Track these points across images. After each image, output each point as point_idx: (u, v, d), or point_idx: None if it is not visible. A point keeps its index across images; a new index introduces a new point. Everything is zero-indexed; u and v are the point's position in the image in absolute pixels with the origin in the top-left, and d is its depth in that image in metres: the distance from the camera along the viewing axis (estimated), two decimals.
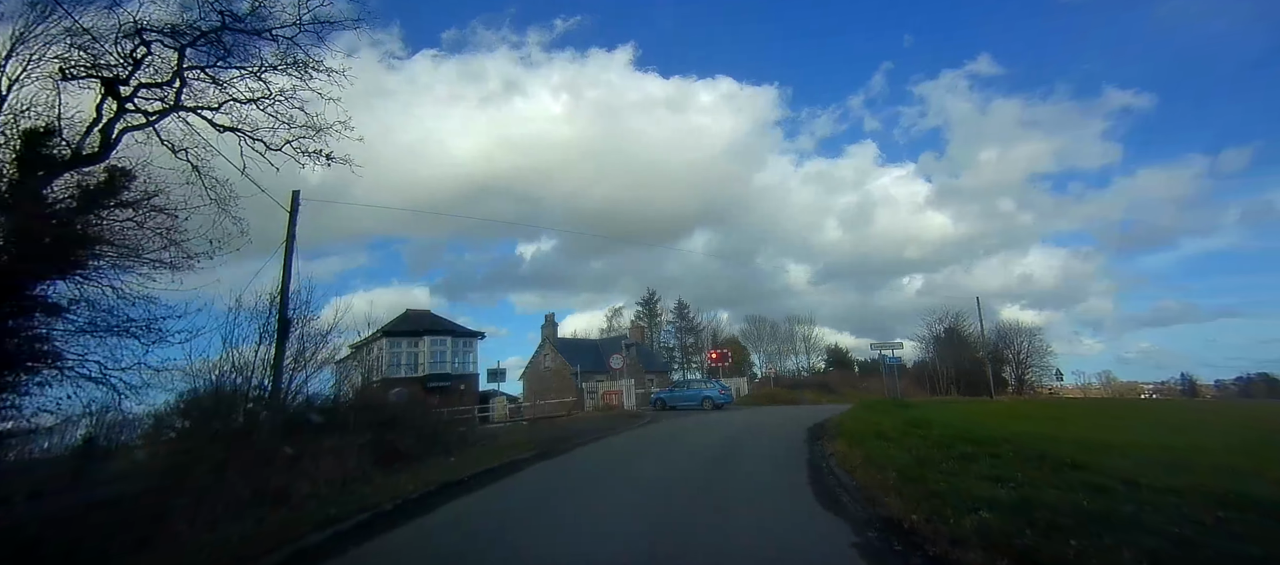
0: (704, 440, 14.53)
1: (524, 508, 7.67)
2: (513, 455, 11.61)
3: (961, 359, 64.40)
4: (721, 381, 28.02)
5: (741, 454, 11.78)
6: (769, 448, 12.70)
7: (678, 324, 70.00)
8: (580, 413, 25.97)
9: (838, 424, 15.65)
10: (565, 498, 8.20)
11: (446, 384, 33.23)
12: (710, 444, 13.60)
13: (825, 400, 36.75)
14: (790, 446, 12.80)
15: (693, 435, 16.06)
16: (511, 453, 11.98)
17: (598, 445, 14.38)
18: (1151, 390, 69.95)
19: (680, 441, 14.51)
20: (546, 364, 46.46)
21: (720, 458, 11.24)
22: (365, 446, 10.58)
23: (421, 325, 34.22)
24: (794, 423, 18.69)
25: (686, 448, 13.18)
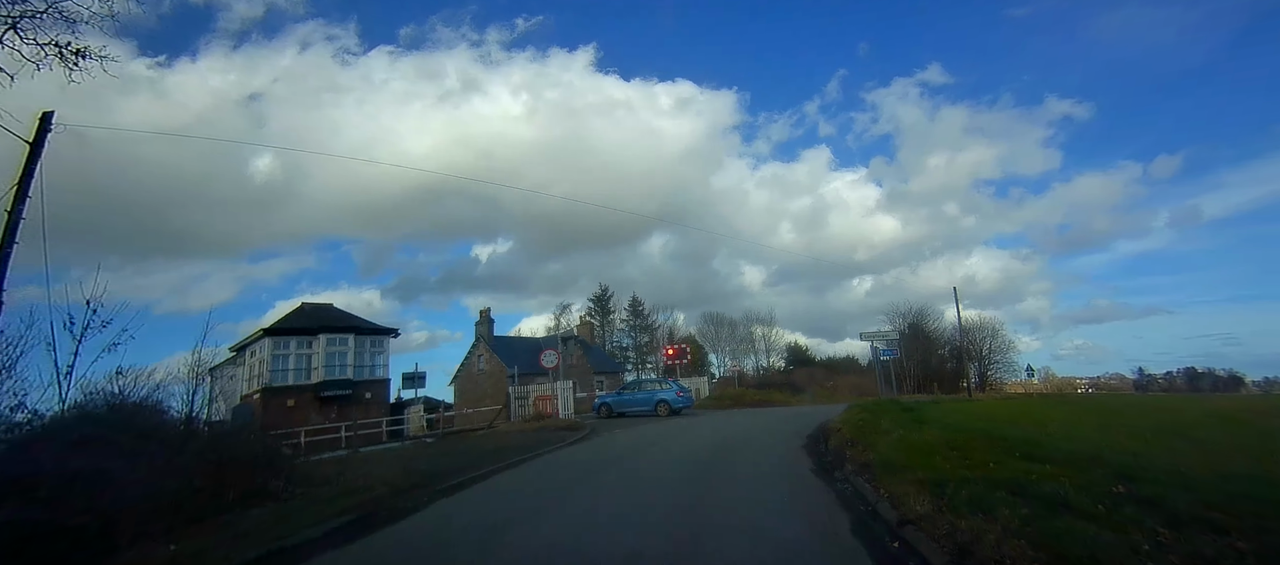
0: (656, 470, 9.55)
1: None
2: (306, 526, 6.35)
3: (928, 356, 61.94)
4: (679, 382, 23.24)
5: (723, 497, 6.86)
6: (766, 485, 7.76)
7: (632, 322, 65.07)
8: (505, 424, 20.67)
9: (846, 436, 10.92)
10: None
11: (346, 392, 27.37)
12: (664, 479, 8.62)
13: (796, 401, 32.38)
14: (796, 481, 7.92)
15: (638, 460, 11.08)
16: (312, 519, 6.72)
17: (485, 486, 9.28)
18: (1087, 385, 71.39)
19: (615, 475, 9.48)
20: (481, 366, 40.81)
21: (687, 508, 6.30)
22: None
23: (315, 321, 28.20)
24: (780, 434, 14.00)
25: (625, 488, 8.16)
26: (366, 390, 28.26)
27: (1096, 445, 10.14)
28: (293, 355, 26.84)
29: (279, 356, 26.57)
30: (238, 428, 14.16)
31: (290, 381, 26.55)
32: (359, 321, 29.62)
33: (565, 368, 43.59)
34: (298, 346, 27.01)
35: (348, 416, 27.04)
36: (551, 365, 19.95)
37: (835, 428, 12.76)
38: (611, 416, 22.34)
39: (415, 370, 30.86)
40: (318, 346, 27.20)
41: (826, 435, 12.13)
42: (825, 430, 13.24)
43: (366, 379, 28.49)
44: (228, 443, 10.89)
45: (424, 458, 13.37)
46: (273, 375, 26.21)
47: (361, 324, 29.41)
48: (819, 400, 34.98)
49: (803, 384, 37.81)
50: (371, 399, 28.37)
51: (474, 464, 11.45)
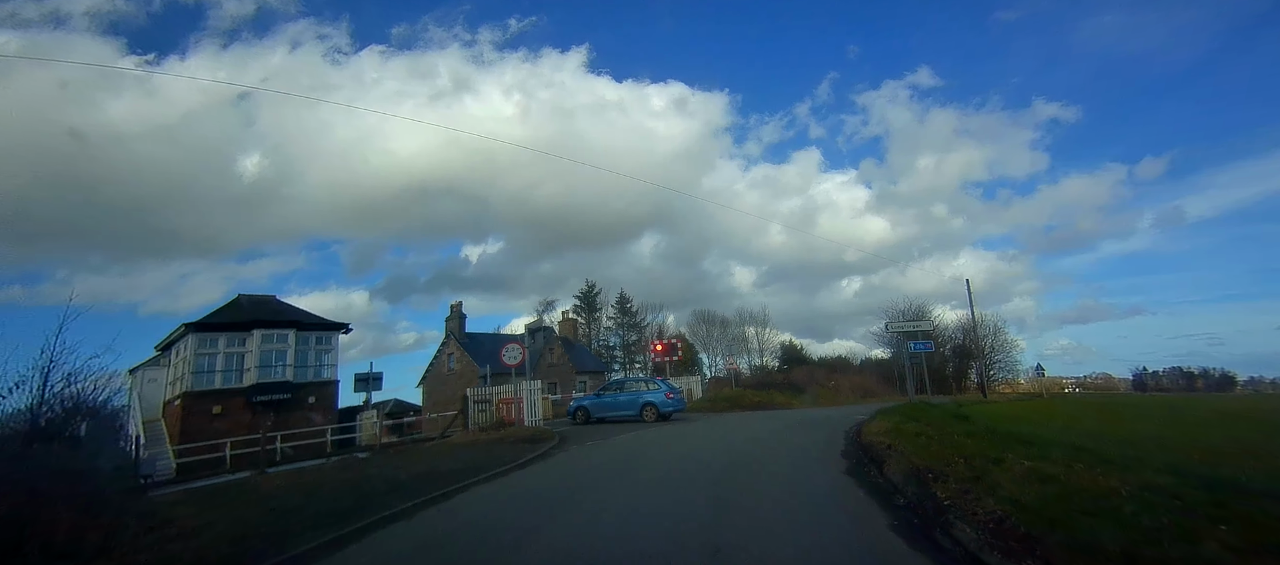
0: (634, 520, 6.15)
1: None
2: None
3: (930, 355, 59.02)
4: (669, 381, 19.84)
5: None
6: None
7: (620, 320, 61.66)
8: (460, 434, 17.15)
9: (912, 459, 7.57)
10: None
11: (285, 396, 23.70)
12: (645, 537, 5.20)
13: (798, 402, 29.06)
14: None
15: (611, 493, 7.67)
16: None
17: (360, 549, 5.82)
18: (1073, 385, 70.85)
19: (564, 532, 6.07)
20: (451, 366, 37.22)
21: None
22: None
23: (249, 315, 24.49)
24: (803, 447, 10.70)
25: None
26: (310, 394, 24.61)
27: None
28: (221, 354, 23.13)
29: (204, 356, 22.86)
30: (82, 449, 10.57)
31: (217, 384, 22.85)
32: (302, 315, 25.92)
33: (544, 367, 40.05)
34: (227, 344, 23.30)
35: (288, 424, 23.49)
36: (514, 362, 16.49)
37: (880, 441, 9.42)
38: (588, 422, 18.89)
39: (370, 371, 27.53)
40: (251, 344, 23.51)
41: (874, 454, 8.76)
42: (866, 445, 9.88)
43: (310, 381, 24.84)
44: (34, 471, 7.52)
45: (327, 487, 9.95)
46: (195, 377, 22.49)
47: (305, 318, 25.73)
48: (822, 401, 31.73)
49: (803, 383, 34.50)
50: (316, 404, 24.73)
51: (378, 499, 8.04)
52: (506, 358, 16.47)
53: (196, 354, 22.65)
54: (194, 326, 22.86)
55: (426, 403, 37.44)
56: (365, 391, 27.25)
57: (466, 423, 18.94)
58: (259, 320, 23.92)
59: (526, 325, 17.43)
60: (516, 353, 16.53)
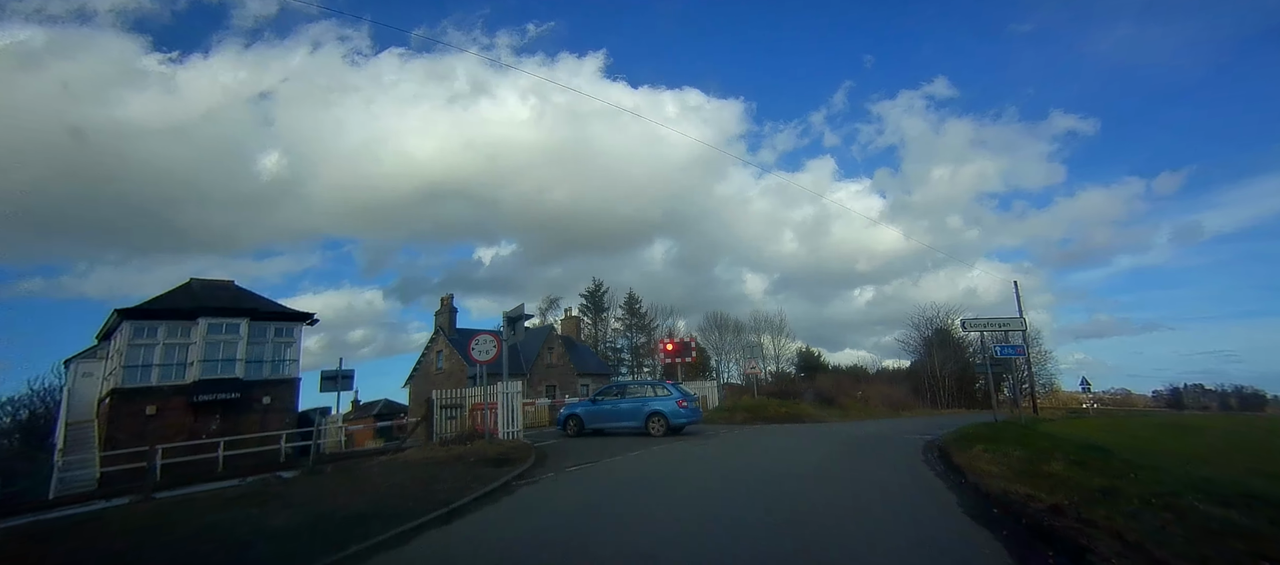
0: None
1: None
2: None
3: (960, 365, 54.94)
4: (680, 386, 16.25)
5: None
6: None
7: (629, 322, 58.19)
8: (415, 450, 13.68)
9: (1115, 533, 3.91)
10: None
11: (233, 395, 20.38)
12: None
13: (828, 415, 25.38)
14: None
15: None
16: None
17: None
18: (1091, 401, 67.79)
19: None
20: (440, 364, 33.92)
21: None
22: None
23: (196, 301, 21.24)
24: (891, 495, 7.06)
25: None
26: (264, 393, 21.30)
27: None
28: (160, 345, 19.86)
29: (139, 347, 19.60)
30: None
31: (154, 380, 19.59)
32: (258, 303, 22.63)
33: (541, 367, 36.50)
34: (167, 334, 20.03)
35: (238, 428, 20.23)
36: (484, 358, 13.00)
37: (1031, 496, 5.80)
38: (581, 433, 15.41)
39: (339, 369, 24.12)
40: (196, 334, 20.23)
41: (1038, 526, 5.13)
42: (996, 497, 6.26)
43: (265, 378, 21.53)
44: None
45: (158, 543, 6.61)
46: (127, 372, 19.23)
47: (262, 306, 22.43)
48: (852, 414, 28.02)
49: (829, 393, 30.76)
50: (272, 405, 21.42)
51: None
52: (476, 351, 12.99)
53: (130, 345, 19.42)
54: (129, 313, 19.64)
55: (412, 404, 34.14)
56: (336, 389, 23.98)
57: (431, 432, 15.49)
58: (203, 308, 20.62)
59: (505, 313, 13.91)
60: (488, 346, 13.06)
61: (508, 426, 13.94)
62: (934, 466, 9.37)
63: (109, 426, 18.76)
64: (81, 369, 20.96)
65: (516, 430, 14.18)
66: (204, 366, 20.09)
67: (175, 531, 7.14)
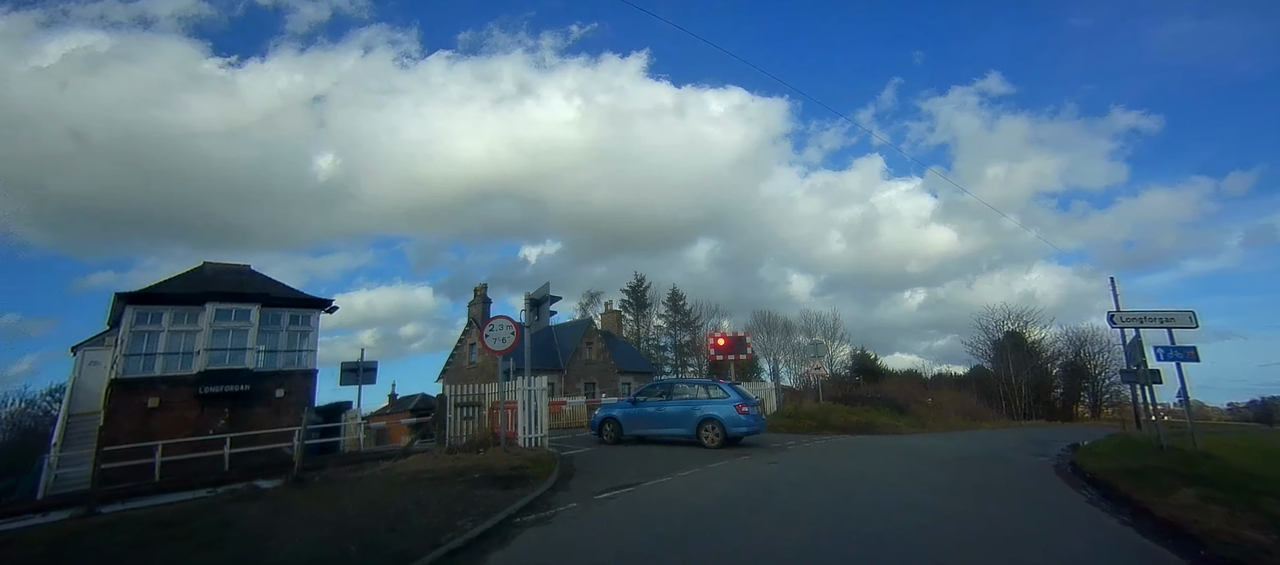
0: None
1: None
2: None
3: (1036, 373, 50.17)
4: (738, 387, 13.44)
5: None
6: None
7: (672, 319, 55.46)
8: (422, 457, 11.33)
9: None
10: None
11: (242, 387, 18.64)
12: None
13: (904, 425, 22.18)
14: None
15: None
16: None
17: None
18: (1161, 412, 60.68)
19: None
20: (472, 359, 32.02)
21: None
22: None
23: (205, 286, 19.62)
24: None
25: None
26: (277, 385, 19.51)
27: None
28: (165, 333, 18.26)
29: (142, 334, 18.03)
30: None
31: (157, 370, 17.98)
32: (272, 288, 20.89)
33: (580, 363, 34.16)
34: (174, 321, 18.42)
35: (247, 423, 18.47)
36: (500, 347, 10.58)
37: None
38: (619, 440, 12.92)
39: (360, 360, 22.35)
40: (203, 321, 18.56)
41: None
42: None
43: (279, 369, 19.77)
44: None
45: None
46: (128, 361, 17.66)
47: (276, 292, 20.68)
48: (929, 424, 24.69)
49: (899, 400, 27.40)
50: (286, 398, 19.60)
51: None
52: (490, 339, 10.60)
53: (133, 332, 17.86)
54: (132, 297, 18.09)
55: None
56: (360, 381, 22.18)
57: (444, 434, 13.17)
58: (212, 292, 18.95)
59: (527, 294, 11.50)
60: (505, 333, 10.63)
61: (530, 430, 11.53)
62: (1120, 515, 6.43)
63: (108, 420, 17.21)
64: (88, 357, 19.58)
65: (540, 435, 11.74)
66: (211, 356, 18.43)
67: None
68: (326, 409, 22.10)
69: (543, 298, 11.46)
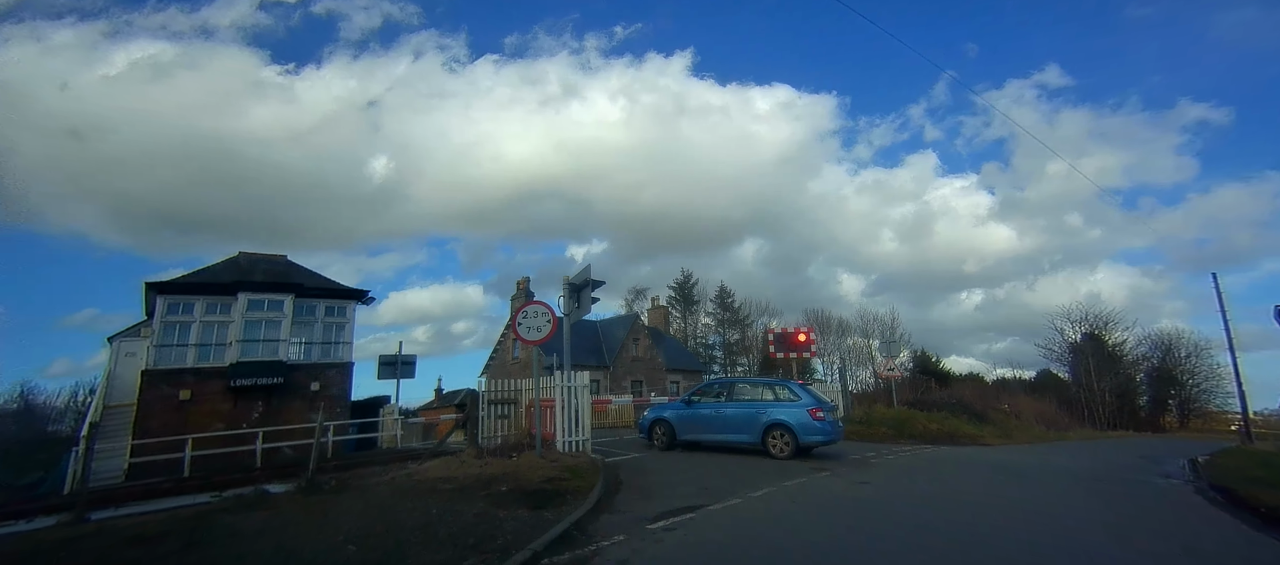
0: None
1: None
2: None
3: (1120, 379, 45.89)
4: (808, 388, 11.60)
5: None
6: None
7: (721, 316, 53.44)
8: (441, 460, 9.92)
9: None
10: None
11: (275, 380, 17.83)
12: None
13: (988, 435, 19.81)
14: None
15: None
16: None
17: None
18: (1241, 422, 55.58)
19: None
20: (515, 354, 30.94)
21: None
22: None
23: (239, 275, 18.92)
24: None
25: None
26: (312, 378, 18.64)
27: None
28: (197, 323, 17.58)
29: (173, 324, 17.39)
30: None
31: (189, 362, 17.31)
32: (306, 278, 20.08)
33: (626, 360, 32.64)
34: (206, 310, 17.74)
35: (281, 417, 17.66)
36: (535, 337, 9.09)
37: None
38: (671, 446, 11.31)
39: (398, 354, 21.43)
40: (235, 311, 17.83)
41: None
42: None
43: (314, 362, 18.91)
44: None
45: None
46: (159, 352, 17.04)
47: (310, 282, 19.84)
48: (1015, 435, 22.13)
49: (974, 404, 24.83)
50: (321, 392, 18.72)
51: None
52: (523, 328, 9.12)
53: (164, 322, 17.24)
54: (163, 287, 17.47)
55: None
56: (398, 375, 21.27)
57: (476, 434, 11.80)
58: (244, 282, 18.20)
59: (566, 278, 10.02)
60: (540, 321, 9.14)
61: (569, 433, 10.01)
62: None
63: (140, 412, 16.62)
64: (124, 348, 19.16)
65: (581, 439, 10.21)
66: (243, 347, 17.67)
67: None
68: (365, 403, 21.30)
69: (583, 283, 9.93)
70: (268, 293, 18.29)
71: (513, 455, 9.49)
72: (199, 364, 17.37)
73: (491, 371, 32.54)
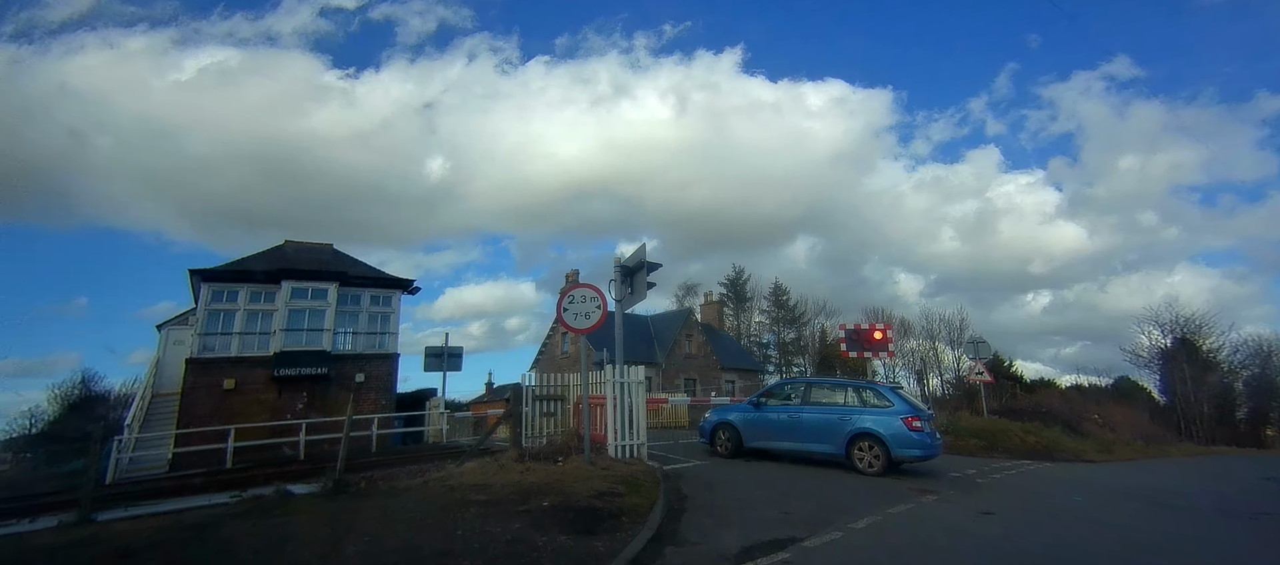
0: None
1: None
2: None
3: (1217, 390, 41.53)
4: (900, 392, 10.04)
5: None
6: None
7: (775, 314, 51.42)
8: (479, 461, 8.81)
9: None
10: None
11: (319, 370, 17.29)
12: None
13: (1088, 450, 17.64)
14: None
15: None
16: None
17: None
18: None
19: None
20: (564, 348, 30.06)
21: None
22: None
23: (283, 263, 18.48)
24: None
25: None
26: (356, 369, 18.06)
27: None
28: (241, 312, 17.20)
29: (218, 313, 17.04)
30: None
31: (233, 351, 16.94)
32: (351, 267, 19.51)
33: (679, 357, 31.27)
34: (250, 299, 17.34)
35: (325, 408, 17.12)
36: (583, 326, 7.85)
37: None
38: (738, 453, 9.94)
39: (445, 346, 20.64)
40: (278, 300, 17.37)
41: None
42: None
43: (359, 352, 18.35)
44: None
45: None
46: (203, 341, 16.70)
47: (354, 270, 19.28)
48: (1117, 452, 19.70)
49: (1065, 414, 22.43)
50: (366, 384, 18.13)
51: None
52: (569, 315, 7.92)
53: (209, 310, 16.89)
54: (207, 274, 17.12)
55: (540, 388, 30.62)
56: (446, 368, 20.52)
57: (522, 433, 10.68)
58: (291, 270, 17.73)
59: (618, 261, 8.82)
60: (589, 307, 7.90)
61: (623, 436, 8.75)
62: None
63: (184, 401, 16.32)
64: (172, 336, 19.02)
65: (636, 444, 8.94)
66: (287, 336, 17.19)
67: None
68: (412, 396, 20.70)
69: (638, 265, 8.65)
70: (311, 281, 17.77)
71: (558, 459, 8.31)
72: (243, 353, 16.97)
73: (540, 366, 31.75)
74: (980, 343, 18.18)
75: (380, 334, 18.95)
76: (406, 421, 18.69)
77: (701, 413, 15.27)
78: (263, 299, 17.41)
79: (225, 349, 16.89)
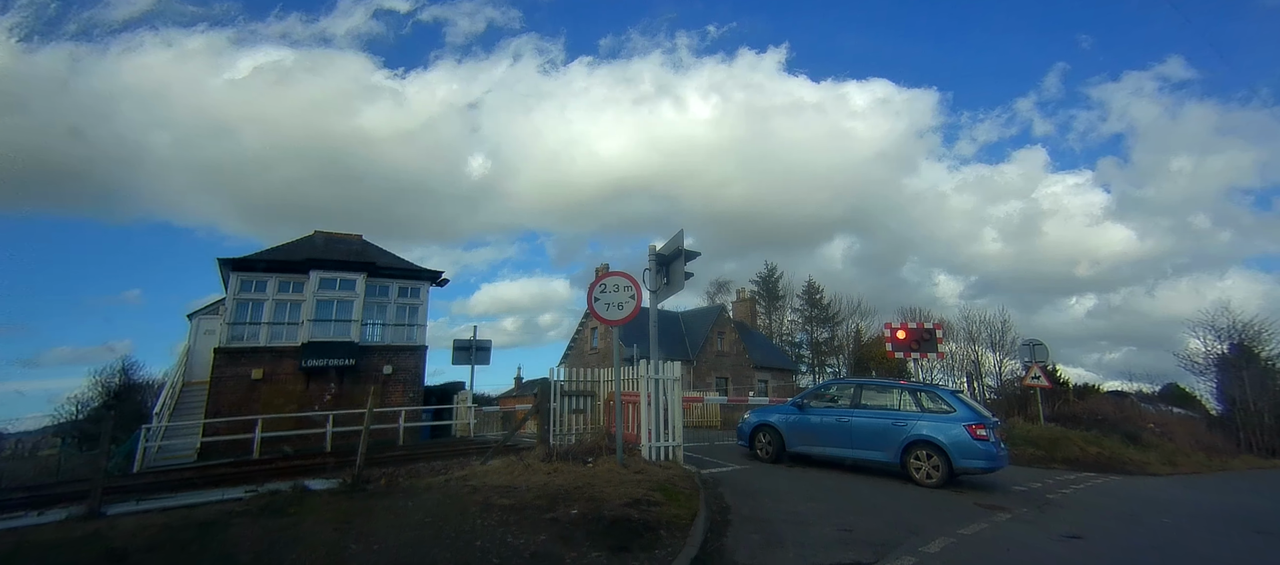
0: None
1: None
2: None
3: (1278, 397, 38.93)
4: (962, 397, 9.22)
5: None
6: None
7: (808, 313, 50.15)
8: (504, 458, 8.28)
9: None
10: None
11: (346, 362, 17.06)
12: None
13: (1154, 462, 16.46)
14: None
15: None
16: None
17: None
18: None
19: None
20: (594, 344, 29.58)
21: None
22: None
23: (313, 253, 18.30)
24: None
25: None
26: (384, 361, 17.80)
27: None
28: (270, 302, 17.06)
29: (246, 302, 16.92)
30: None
31: (261, 341, 16.81)
32: (379, 258, 19.26)
33: (711, 355, 30.49)
34: (279, 289, 17.19)
35: (352, 400, 16.90)
36: (615, 317, 7.28)
37: None
38: (778, 459, 9.25)
39: (473, 339, 20.26)
40: (307, 290, 17.18)
41: None
42: None
43: (387, 344, 18.10)
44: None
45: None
46: (231, 330, 16.59)
47: (382, 261, 19.02)
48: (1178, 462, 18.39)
49: (1123, 424, 21.04)
50: (393, 376, 17.86)
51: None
52: (600, 305, 7.34)
53: (237, 299, 16.79)
54: (235, 264, 17.00)
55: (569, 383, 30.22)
56: (475, 361, 20.16)
57: (550, 430, 10.15)
58: (320, 260, 17.53)
59: (652, 248, 8.23)
60: (623, 297, 7.32)
61: (657, 437, 8.13)
62: None
63: (213, 390, 16.23)
64: (203, 325, 19.02)
65: (672, 445, 8.32)
66: (314, 327, 17.00)
67: None
68: (440, 390, 20.42)
69: (675, 253, 8.00)
70: (340, 271, 17.56)
71: (588, 460, 7.73)
72: (271, 343, 16.83)
73: (570, 361, 31.33)
74: (1037, 345, 17.01)
75: (408, 325, 18.67)
76: (434, 414, 18.43)
77: (736, 413, 14.56)
78: (291, 289, 17.26)
79: (253, 339, 16.78)
